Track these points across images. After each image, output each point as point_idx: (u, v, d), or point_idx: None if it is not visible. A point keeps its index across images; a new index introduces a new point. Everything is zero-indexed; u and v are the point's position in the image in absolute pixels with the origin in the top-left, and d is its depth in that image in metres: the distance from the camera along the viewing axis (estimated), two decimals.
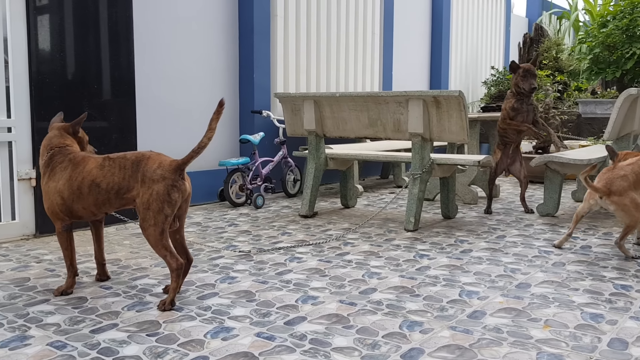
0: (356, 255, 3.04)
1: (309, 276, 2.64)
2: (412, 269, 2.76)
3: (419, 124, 3.70)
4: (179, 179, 2.22)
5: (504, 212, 4.38)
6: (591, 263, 2.89)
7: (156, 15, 4.49)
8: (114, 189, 2.25)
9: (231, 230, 3.68)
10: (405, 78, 7.48)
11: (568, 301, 2.30)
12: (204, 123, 4.93)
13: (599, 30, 5.67)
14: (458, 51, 8.45)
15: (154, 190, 2.18)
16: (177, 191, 2.20)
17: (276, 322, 2.05)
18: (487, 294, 2.39)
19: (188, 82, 4.78)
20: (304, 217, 4.17)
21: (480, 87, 8.84)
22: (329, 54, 6.17)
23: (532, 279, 2.61)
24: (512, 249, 3.19)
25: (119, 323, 2.03)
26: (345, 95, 3.96)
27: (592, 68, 5.62)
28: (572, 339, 1.92)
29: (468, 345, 1.86)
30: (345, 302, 2.27)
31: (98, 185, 2.27)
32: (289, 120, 4.39)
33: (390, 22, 6.98)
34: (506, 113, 4.23)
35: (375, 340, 1.89)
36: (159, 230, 2.18)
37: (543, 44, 7.99)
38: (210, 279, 2.60)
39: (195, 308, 2.19)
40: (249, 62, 5.19)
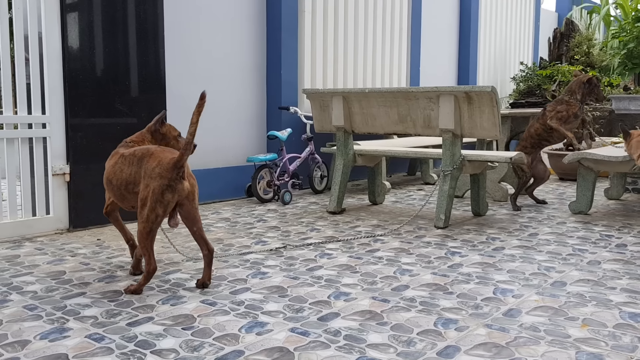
0: (386, 252, 3.03)
1: (340, 272, 2.64)
2: (444, 266, 2.74)
3: (450, 120, 3.66)
4: (176, 178, 2.21)
5: (535, 209, 4.31)
6: (627, 262, 2.83)
7: (185, 13, 4.53)
8: (122, 184, 2.34)
9: (260, 226, 3.70)
10: (433, 74, 7.42)
11: (605, 300, 2.25)
12: (232, 120, 4.95)
13: (633, 24, 5.53)
14: (486, 47, 8.34)
15: (150, 188, 2.21)
16: (171, 191, 2.20)
17: (309, 318, 2.04)
18: (522, 292, 2.36)
19: (216, 79, 4.81)
20: (332, 214, 4.17)
21: (509, 83, 8.71)
22: (357, 49, 6.15)
23: (567, 277, 2.57)
24: (546, 246, 3.14)
25: (155, 316, 2.05)
26: (375, 91, 3.94)
27: (625, 63, 5.49)
28: (612, 338, 1.88)
29: (505, 343, 1.83)
30: (378, 299, 2.26)
31: (110, 182, 2.40)
32: (317, 117, 4.38)
33: (418, 18, 6.92)
34: (566, 117, 4.13)
35: (410, 337, 1.87)
36: (147, 228, 2.21)
37: (574, 39, 7.84)
38: (241, 274, 2.61)
39: (229, 302, 2.20)
40: (277, 59, 5.20)
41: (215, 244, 3.18)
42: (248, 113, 5.12)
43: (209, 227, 3.66)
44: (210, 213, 4.22)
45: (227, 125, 4.92)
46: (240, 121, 5.05)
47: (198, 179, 4.63)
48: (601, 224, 3.76)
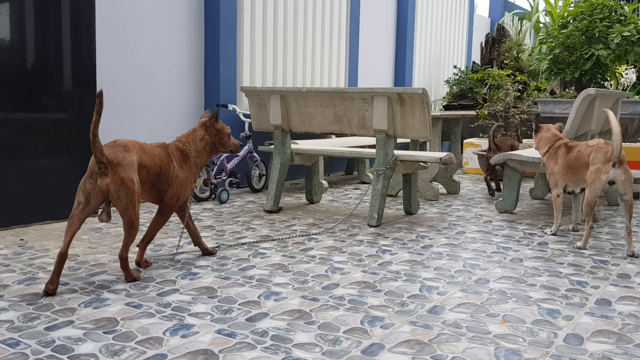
0: (320, 250, 3.05)
1: (273, 272, 2.63)
2: (375, 264, 2.78)
3: (383, 121, 3.73)
4: (99, 172, 2.28)
5: (464, 208, 4.45)
6: (548, 259, 2.96)
7: (119, 5, 4.39)
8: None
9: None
10: (371, 75, 7.52)
11: (525, 297, 2.35)
12: (168, 116, 4.85)
13: (559, 31, 5.81)
14: (422, 49, 8.54)
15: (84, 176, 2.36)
16: (89, 182, 2.29)
17: (238, 319, 2.03)
18: (447, 289, 2.43)
19: (152, 74, 4.70)
20: (269, 213, 4.16)
21: (443, 86, 8.96)
22: (296, 48, 6.15)
23: (491, 274, 2.67)
24: (472, 244, 3.25)
25: (75, 320, 1.98)
26: (312, 91, 3.96)
27: (551, 68, 5.77)
28: (529, 334, 1.96)
29: (427, 340, 1.88)
30: (308, 298, 2.27)
31: None
32: (255, 115, 4.36)
33: (357, 19, 7.00)
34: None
35: (336, 336, 1.90)
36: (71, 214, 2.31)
37: (504, 44, 8.15)
38: (171, 275, 2.56)
39: (155, 305, 2.16)
40: (215, 55, 5.13)
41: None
42: (185, 110, 5.03)
43: (140, 228, 3.57)
44: (143, 212, 4.12)
45: (162, 122, 4.81)
46: (176, 118, 4.95)
47: None
48: (525, 222, 3.93)
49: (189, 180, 2.71)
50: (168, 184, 2.61)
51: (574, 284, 2.55)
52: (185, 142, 2.73)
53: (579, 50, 5.72)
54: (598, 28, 5.62)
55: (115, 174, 2.29)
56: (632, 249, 3.04)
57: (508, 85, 6.23)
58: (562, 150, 3.43)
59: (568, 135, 3.84)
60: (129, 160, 2.36)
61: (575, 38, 5.64)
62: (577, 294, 2.39)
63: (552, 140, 3.52)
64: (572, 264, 2.88)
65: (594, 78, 5.96)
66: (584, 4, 5.83)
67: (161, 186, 2.59)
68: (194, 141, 2.74)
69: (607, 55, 5.49)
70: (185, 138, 2.75)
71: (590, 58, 5.57)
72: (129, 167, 2.34)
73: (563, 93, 6.12)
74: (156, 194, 2.61)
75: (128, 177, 2.31)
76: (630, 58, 5.47)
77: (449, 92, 8.14)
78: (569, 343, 1.89)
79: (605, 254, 3.08)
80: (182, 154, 2.70)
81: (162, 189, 2.60)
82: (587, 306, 2.25)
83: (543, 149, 3.54)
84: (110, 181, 2.28)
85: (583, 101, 3.86)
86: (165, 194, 2.63)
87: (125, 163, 2.33)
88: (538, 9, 8.95)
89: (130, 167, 2.34)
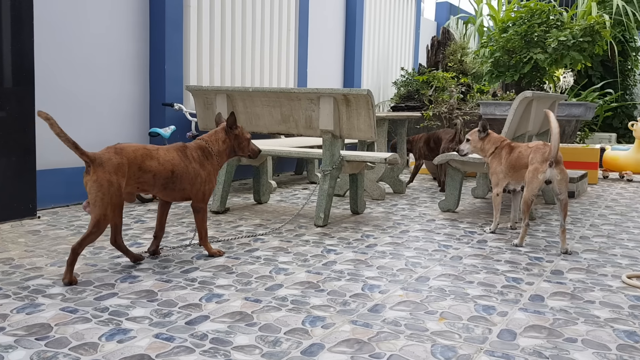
0: (265, 251, 3.04)
1: (216, 274, 2.61)
2: (319, 264, 2.80)
3: (329, 121, 3.75)
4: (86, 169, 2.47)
5: (409, 208, 4.54)
6: (486, 257, 3.06)
7: (60, 1, 4.25)
8: None
9: (137, 227, 3.57)
10: (319, 75, 7.56)
11: (463, 294, 2.42)
12: (111, 115, 4.73)
13: (500, 35, 6.00)
14: (370, 51, 8.64)
15: None
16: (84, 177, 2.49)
17: (177, 322, 2.01)
18: (388, 287, 2.47)
19: (94, 71, 4.57)
20: (215, 213, 4.12)
21: (390, 87, 9.09)
22: (244, 47, 6.12)
23: (431, 272, 2.73)
24: (415, 243, 3.32)
25: (6, 326, 1.91)
26: (258, 91, 3.94)
27: (492, 71, 5.95)
28: (465, 330, 2.02)
29: (367, 339, 1.91)
30: (251, 299, 2.26)
31: None
32: (201, 114, 4.31)
33: (306, 19, 7.02)
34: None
35: (277, 337, 1.90)
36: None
37: (449, 47, 8.35)
38: (110, 278, 2.50)
39: (92, 309, 2.11)
40: (161, 53, 5.04)
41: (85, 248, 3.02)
42: (129, 108, 4.92)
43: (80, 230, 3.47)
44: (84, 214, 4.00)
45: (105, 121, 4.69)
46: (119, 117, 4.83)
47: (71, 177, 4.37)
48: (466, 221, 4.04)
49: (211, 176, 2.90)
50: (190, 184, 2.80)
51: (509, 280, 2.64)
52: (208, 140, 2.92)
53: (518, 54, 5.93)
54: (536, 33, 5.84)
55: (94, 173, 2.42)
56: (565, 246, 3.18)
57: (452, 87, 6.39)
58: (506, 151, 3.55)
59: (506, 136, 3.97)
60: (114, 162, 2.47)
61: (515, 42, 5.84)
62: (512, 291, 2.48)
63: (498, 142, 3.63)
64: (509, 261, 2.98)
65: (533, 81, 6.18)
66: (523, 9, 6.04)
67: (180, 186, 2.77)
68: (216, 141, 2.94)
69: (545, 59, 5.71)
70: (208, 137, 2.93)
71: (529, 62, 5.77)
72: (110, 168, 2.45)
73: (504, 95, 6.33)
74: (173, 194, 2.79)
75: (104, 177, 2.43)
76: (566, 62, 5.71)
77: (396, 94, 8.27)
78: (502, 339, 1.95)
79: (541, 251, 3.20)
80: (203, 152, 2.88)
81: (182, 189, 2.78)
82: (521, 302, 2.33)
83: (490, 150, 3.64)
84: (89, 178, 2.43)
85: (520, 103, 4.00)
86: (190, 193, 2.82)
87: (107, 164, 2.45)
88: (482, 13, 9.21)
89: (112, 169, 2.46)
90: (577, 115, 5.75)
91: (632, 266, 2.93)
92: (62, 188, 4.32)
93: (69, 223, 3.67)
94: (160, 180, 2.67)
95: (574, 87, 9.53)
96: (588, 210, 4.63)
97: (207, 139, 2.92)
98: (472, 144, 3.69)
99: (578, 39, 5.56)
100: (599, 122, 10.36)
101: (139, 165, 2.56)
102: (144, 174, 2.59)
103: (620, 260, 3.03)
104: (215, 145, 2.92)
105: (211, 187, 2.89)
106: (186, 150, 2.81)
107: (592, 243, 3.44)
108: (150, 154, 2.63)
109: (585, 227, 3.91)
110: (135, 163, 2.55)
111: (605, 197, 5.42)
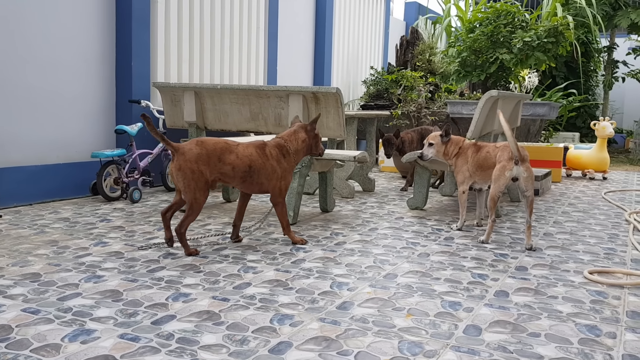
0: (234, 249, 3.02)
1: (183, 272, 2.58)
2: (288, 262, 2.80)
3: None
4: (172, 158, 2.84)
5: (377, 206, 4.57)
6: (453, 254, 3.10)
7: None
8: None
9: (102, 226, 3.50)
10: (290, 73, 7.54)
11: (430, 290, 2.45)
12: (75, 112, 4.63)
13: (467, 35, 6.09)
14: (340, 50, 8.66)
15: None
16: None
17: (143, 322, 1.98)
18: (357, 284, 2.48)
19: (58, 67, 4.46)
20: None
21: (360, 86, 9.14)
22: (213, 44, 6.06)
23: (399, 269, 2.75)
24: (383, 240, 3.34)
25: None
26: (227, 88, 3.92)
27: (460, 71, 6.04)
28: (432, 326, 2.04)
29: (335, 336, 1.92)
30: (218, 298, 2.25)
31: None
32: (169, 111, 4.26)
33: (275, 17, 6.99)
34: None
35: (244, 336, 1.89)
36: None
37: (418, 47, 8.43)
38: (73, 278, 2.45)
39: (54, 310, 2.06)
40: (127, 49, 4.96)
41: (48, 247, 2.96)
42: (94, 105, 4.82)
43: (44, 229, 3.39)
44: (48, 213, 3.91)
45: (69, 118, 4.59)
46: (84, 114, 4.74)
47: (34, 175, 4.27)
48: (434, 218, 4.09)
49: (286, 172, 3.09)
50: (267, 179, 3.01)
51: (475, 277, 2.68)
52: (287, 139, 3.10)
53: (485, 54, 6.02)
54: (502, 33, 5.94)
55: (177, 161, 2.78)
56: (530, 242, 3.24)
57: (420, 86, 6.46)
58: (472, 150, 3.60)
59: (473, 135, 4.03)
60: (194, 152, 2.80)
61: (482, 42, 5.93)
62: (477, 287, 2.52)
63: (460, 142, 3.68)
64: (475, 257, 3.03)
65: (499, 81, 6.29)
66: (490, 9, 6.14)
67: (257, 180, 2.98)
68: (295, 140, 3.12)
69: (511, 59, 5.81)
70: (287, 136, 3.12)
71: (495, 62, 5.87)
72: (191, 157, 2.79)
73: (471, 95, 6.42)
74: (252, 187, 3.02)
75: (186, 165, 2.77)
76: (531, 62, 5.82)
77: (366, 92, 8.31)
78: (468, 334, 1.98)
79: (506, 248, 3.26)
80: (280, 150, 3.07)
81: (260, 183, 3.00)
82: (487, 298, 2.37)
83: (454, 151, 3.69)
84: (173, 166, 2.80)
85: (486, 102, 4.07)
86: (267, 188, 3.04)
87: (189, 154, 2.79)
88: (450, 14, 9.33)
89: (193, 158, 2.79)
90: (541, 114, 5.87)
91: (594, 262, 3.01)
92: (24, 186, 4.22)
93: (31, 222, 3.58)
94: (239, 173, 2.91)
95: (539, 87, 9.73)
96: (552, 207, 4.74)
97: (286, 137, 3.09)
98: (436, 148, 3.72)
99: (542, 40, 5.68)
100: (563, 121, 10.62)
101: (218, 157, 2.85)
102: (223, 165, 2.87)
103: (583, 257, 3.11)
104: (293, 144, 3.10)
105: (286, 183, 3.06)
106: (265, 148, 3.02)
107: (556, 240, 3.52)
108: (230, 148, 2.90)
109: (549, 224, 4.00)
110: (215, 155, 2.85)
111: (568, 194, 5.55)
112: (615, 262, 3.02)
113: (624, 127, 13.45)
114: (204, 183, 2.82)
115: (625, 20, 10.50)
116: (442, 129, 3.71)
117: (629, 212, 4.42)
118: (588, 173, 6.94)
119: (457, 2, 9.25)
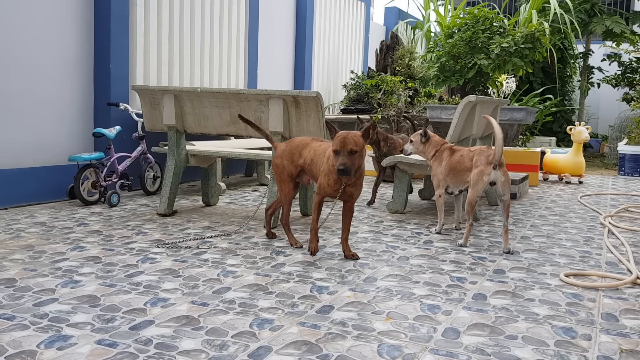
0: (213, 254, 3.01)
1: (162, 277, 2.56)
2: (268, 266, 2.79)
3: (279, 123, 3.75)
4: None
5: (357, 209, 4.58)
6: (432, 257, 3.13)
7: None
8: None
9: (80, 231, 3.46)
10: (270, 77, 7.54)
11: (409, 293, 2.47)
12: (52, 115, 4.57)
13: (446, 40, 6.15)
14: (321, 54, 8.69)
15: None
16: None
17: (120, 328, 1.96)
18: (337, 288, 2.49)
19: (35, 69, 4.40)
20: (162, 216, 4.04)
21: (341, 90, 9.17)
22: (193, 47, 6.03)
23: (379, 272, 2.77)
24: (363, 244, 3.35)
25: None
26: (207, 91, 3.90)
27: (439, 76, 6.10)
28: (411, 329, 2.06)
29: (315, 340, 1.92)
30: (197, 303, 2.23)
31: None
32: (148, 115, 4.23)
33: (256, 20, 6.99)
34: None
35: (224, 341, 1.88)
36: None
37: (398, 52, 8.49)
38: (50, 283, 2.41)
39: (30, 316, 2.03)
40: (105, 51, 4.91)
41: (23, 252, 2.91)
42: (71, 108, 4.76)
43: (19, 233, 3.34)
44: (24, 217, 3.85)
45: (46, 121, 4.53)
46: (61, 116, 4.68)
47: (10, 178, 4.20)
48: (413, 222, 4.12)
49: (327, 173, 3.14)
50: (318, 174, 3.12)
51: (454, 280, 2.70)
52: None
53: (463, 59, 6.09)
54: (480, 39, 6.01)
55: (274, 158, 3.23)
56: (507, 245, 3.28)
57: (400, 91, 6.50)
58: (446, 153, 3.64)
59: (451, 140, 4.08)
60: (282, 148, 3.22)
61: (460, 48, 6.00)
62: (456, 290, 2.55)
63: (439, 145, 3.72)
64: (454, 260, 3.06)
65: (477, 86, 6.36)
66: (468, 15, 6.21)
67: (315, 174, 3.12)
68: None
69: (488, 64, 5.89)
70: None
71: (473, 67, 5.94)
72: (279, 153, 3.21)
73: (450, 100, 6.48)
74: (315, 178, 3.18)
75: (275, 160, 3.22)
76: (508, 67, 5.90)
77: (346, 96, 8.34)
78: (446, 337, 2.00)
79: (484, 251, 3.30)
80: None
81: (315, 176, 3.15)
82: (465, 301, 2.40)
83: (431, 153, 3.72)
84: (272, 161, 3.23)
85: (465, 107, 4.11)
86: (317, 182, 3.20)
87: (278, 150, 3.23)
88: (429, 19, 9.41)
89: (280, 154, 3.21)
90: (518, 119, 5.95)
91: (570, 265, 3.06)
92: (0, 190, 4.15)
93: (7, 226, 3.53)
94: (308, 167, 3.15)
95: (516, 92, 9.87)
96: (529, 211, 4.80)
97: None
98: (414, 145, 3.77)
99: (519, 46, 5.76)
100: (539, 126, 10.77)
101: (299, 152, 3.17)
102: (300, 158, 3.17)
103: (559, 259, 3.16)
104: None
105: (324, 182, 3.02)
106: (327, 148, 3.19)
107: (533, 243, 3.56)
108: (308, 145, 3.17)
109: (526, 228, 4.05)
110: (297, 150, 3.17)
111: (545, 198, 5.63)
112: (591, 264, 3.08)
113: (599, 132, 13.71)
114: (285, 176, 3.18)
115: (600, 27, 10.71)
116: (422, 131, 3.75)
117: (604, 215, 4.51)
118: (564, 177, 7.05)
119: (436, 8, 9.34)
